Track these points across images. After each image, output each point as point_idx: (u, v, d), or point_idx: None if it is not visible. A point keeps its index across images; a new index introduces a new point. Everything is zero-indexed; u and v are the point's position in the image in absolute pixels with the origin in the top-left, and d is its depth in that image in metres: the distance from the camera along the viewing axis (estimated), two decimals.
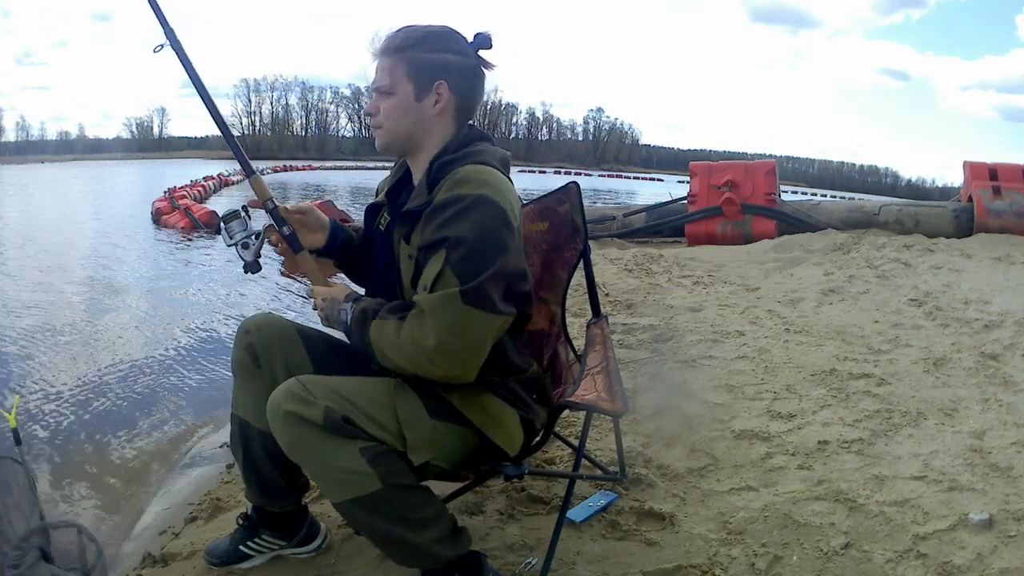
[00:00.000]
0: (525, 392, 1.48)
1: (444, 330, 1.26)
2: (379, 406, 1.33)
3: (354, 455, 1.26)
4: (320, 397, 1.28)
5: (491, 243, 1.30)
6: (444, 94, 1.42)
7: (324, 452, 1.27)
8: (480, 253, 1.28)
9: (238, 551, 1.71)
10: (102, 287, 6.08)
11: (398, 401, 1.35)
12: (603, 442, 2.34)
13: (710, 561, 1.69)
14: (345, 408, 1.28)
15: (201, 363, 3.95)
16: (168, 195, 12.86)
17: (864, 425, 2.40)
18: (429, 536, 1.34)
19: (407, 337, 1.29)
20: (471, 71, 1.45)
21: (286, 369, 1.53)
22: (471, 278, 1.27)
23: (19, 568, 1.21)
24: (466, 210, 1.30)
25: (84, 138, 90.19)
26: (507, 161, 1.48)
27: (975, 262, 5.47)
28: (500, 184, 1.36)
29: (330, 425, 1.26)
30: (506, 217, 1.33)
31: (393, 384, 1.38)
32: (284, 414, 1.28)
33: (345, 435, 1.27)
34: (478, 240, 1.29)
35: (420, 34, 1.42)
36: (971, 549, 1.67)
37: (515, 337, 1.49)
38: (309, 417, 1.26)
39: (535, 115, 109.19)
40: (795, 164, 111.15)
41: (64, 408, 3.17)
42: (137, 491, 2.45)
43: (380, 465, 1.27)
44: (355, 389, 1.34)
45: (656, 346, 3.43)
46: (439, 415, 1.37)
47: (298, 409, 1.27)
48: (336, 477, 1.28)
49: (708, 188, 7.53)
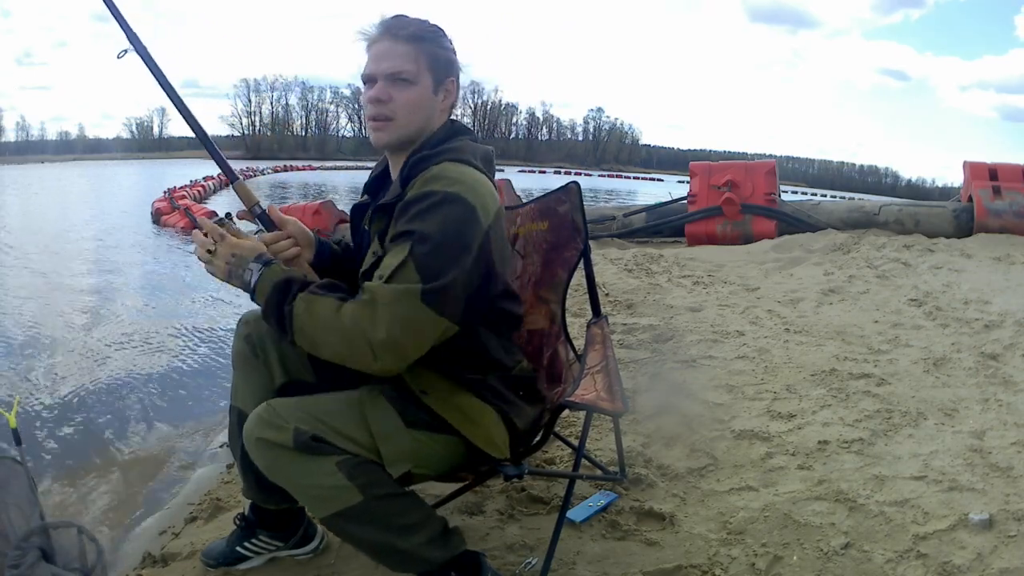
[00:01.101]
0: (508, 389, 1.45)
1: (397, 325, 1.22)
2: (351, 421, 1.32)
3: (331, 470, 1.26)
4: (289, 420, 1.28)
5: (458, 243, 1.27)
6: (452, 92, 1.42)
7: (300, 472, 1.27)
8: (445, 252, 1.25)
9: (235, 552, 1.71)
10: (102, 287, 6.08)
11: (370, 415, 1.33)
12: (603, 442, 2.34)
13: (710, 561, 1.69)
14: (315, 427, 1.28)
15: (201, 363, 3.95)
16: (168, 195, 12.87)
17: (864, 425, 2.40)
18: (418, 540, 1.33)
19: (350, 321, 1.24)
20: (458, 71, 1.46)
21: (280, 359, 1.55)
22: (434, 278, 1.24)
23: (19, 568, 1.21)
24: (435, 206, 1.27)
25: (84, 138, 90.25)
26: (489, 157, 1.45)
27: (975, 262, 5.47)
28: (474, 183, 1.32)
29: (300, 446, 1.26)
30: (476, 216, 1.29)
31: (365, 397, 1.37)
32: (256, 441, 1.29)
33: (318, 453, 1.26)
34: (444, 238, 1.25)
35: (432, 27, 1.42)
36: (971, 549, 1.67)
37: (502, 334, 1.47)
38: (279, 441, 1.26)
39: (535, 115, 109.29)
40: (795, 164, 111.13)
41: (64, 408, 3.17)
42: (137, 491, 2.45)
43: (358, 477, 1.27)
44: (326, 407, 1.33)
45: (656, 346, 3.43)
46: (417, 424, 1.36)
47: (268, 435, 1.27)
48: (315, 494, 1.28)
49: (708, 188, 7.53)
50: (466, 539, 1.44)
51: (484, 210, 1.31)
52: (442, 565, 1.37)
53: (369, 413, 1.34)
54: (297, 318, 1.28)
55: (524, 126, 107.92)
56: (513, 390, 1.47)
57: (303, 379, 1.56)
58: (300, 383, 1.56)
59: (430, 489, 1.95)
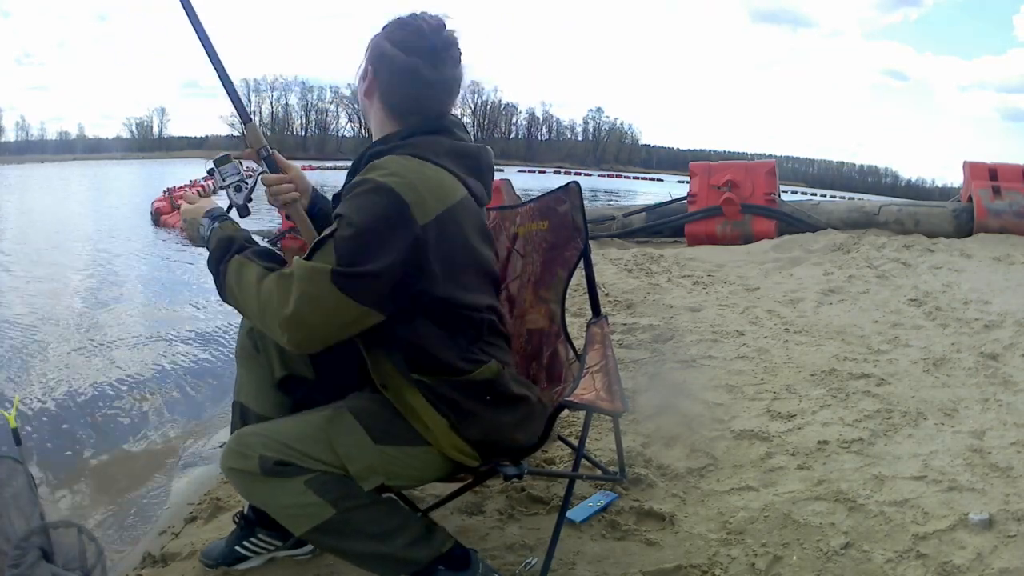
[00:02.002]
0: (468, 396, 1.38)
1: (304, 302, 1.23)
2: (316, 443, 1.33)
3: (300, 490, 1.30)
4: (255, 448, 1.33)
5: (379, 235, 1.24)
6: (368, 79, 1.42)
7: (271, 494, 1.33)
8: (366, 240, 1.24)
9: (234, 552, 1.71)
10: (102, 287, 6.08)
11: (334, 436, 1.34)
12: (603, 442, 2.34)
13: (710, 561, 1.69)
14: (280, 452, 1.32)
15: (201, 362, 3.95)
16: (168, 195, 12.86)
17: (864, 425, 2.40)
18: (399, 543, 1.34)
19: (266, 293, 1.26)
20: (401, 69, 1.38)
21: (279, 353, 1.56)
22: (349, 263, 1.23)
23: (20, 567, 1.21)
24: (364, 194, 1.27)
25: (84, 138, 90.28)
26: (462, 152, 1.40)
27: (975, 262, 5.47)
28: (417, 178, 1.29)
29: (267, 472, 1.31)
30: (406, 212, 1.26)
31: (331, 415, 1.37)
32: (228, 471, 1.38)
33: (285, 476, 1.30)
34: (366, 227, 1.24)
35: (395, 18, 1.43)
36: (971, 549, 1.67)
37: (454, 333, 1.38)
38: (247, 469, 1.33)
39: (535, 115, 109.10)
40: (795, 164, 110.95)
41: (64, 408, 3.17)
42: (137, 491, 2.45)
43: (328, 492, 1.30)
44: (291, 431, 1.36)
45: (656, 346, 3.43)
46: (385, 439, 1.36)
47: (237, 464, 1.35)
48: (289, 513, 1.33)
49: (708, 188, 7.52)
50: (466, 539, 1.44)
51: (420, 207, 1.27)
52: (429, 563, 1.37)
53: (333, 434, 1.35)
54: (228, 277, 1.34)
55: (524, 126, 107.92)
56: (476, 396, 1.39)
57: (302, 375, 1.57)
58: (299, 379, 1.57)
59: (430, 489, 1.96)
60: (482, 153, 1.46)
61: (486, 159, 1.47)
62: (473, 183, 1.42)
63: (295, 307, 1.23)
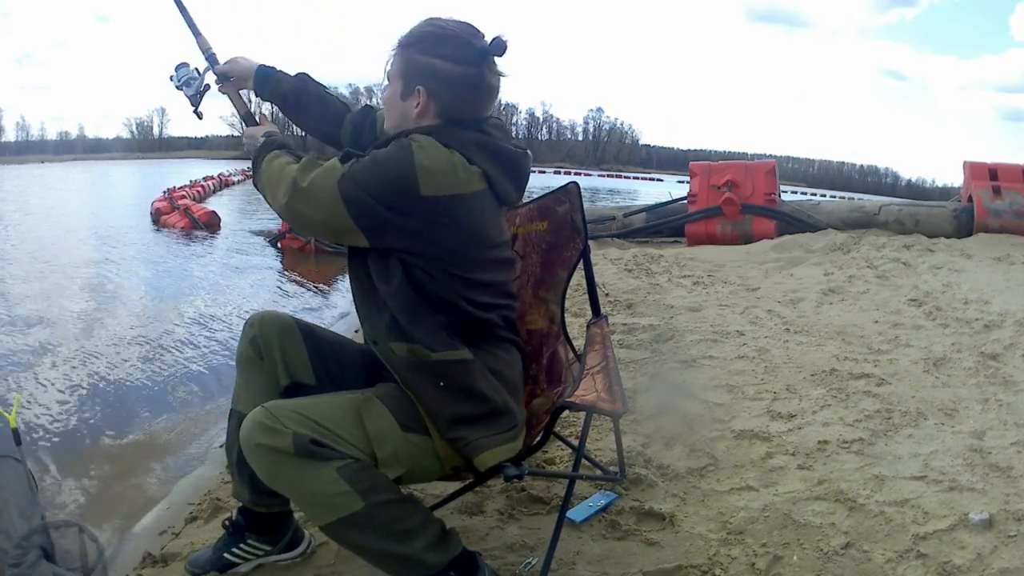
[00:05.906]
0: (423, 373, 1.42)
1: (314, 182, 1.37)
2: (348, 424, 1.33)
3: (332, 477, 1.27)
4: (288, 424, 1.28)
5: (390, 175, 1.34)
6: (423, 100, 1.42)
7: (301, 479, 1.28)
8: (378, 173, 1.34)
9: (223, 559, 1.67)
10: (101, 287, 6.08)
11: (367, 417, 1.35)
12: (603, 442, 2.34)
13: (710, 561, 1.69)
14: (314, 431, 1.28)
15: (201, 362, 3.95)
16: (168, 195, 12.86)
17: (864, 425, 2.40)
18: (418, 546, 1.34)
19: (286, 177, 1.41)
20: (460, 80, 1.41)
21: (283, 360, 1.56)
22: (357, 181, 1.34)
23: (20, 566, 1.22)
24: (393, 146, 1.37)
25: (84, 138, 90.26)
26: (483, 145, 1.42)
27: (975, 262, 5.47)
28: (434, 154, 1.35)
29: (301, 451, 1.26)
30: (413, 175, 1.33)
31: (361, 399, 1.38)
32: (255, 447, 1.29)
33: (318, 458, 1.27)
34: (382, 164, 1.35)
35: (422, 32, 1.43)
36: (971, 549, 1.67)
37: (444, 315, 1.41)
38: (280, 447, 1.26)
39: (535, 115, 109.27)
40: (795, 164, 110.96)
41: (64, 408, 3.17)
42: (137, 491, 2.46)
43: (359, 483, 1.28)
44: (324, 410, 1.34)
45: (656, 346, 3.43)
46: (411, 427, 1.38)
47: (267, 441, 1.27)
48: (317, 501, 1.29)
49: (708, 188, 7.53)
50: (466, 539, 1.44)
51: (429, 181, 1.34)
52: (443, 568, 1.38)
53: (365, 415, 1.35)
54: (261, 169, 1.51)
55: (524, 126, 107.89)
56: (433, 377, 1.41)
57: (303, 381, 1.57)
58: (300, 385, 1.57)
59: (431, 489, 1.96)
60: (519, 157, 1.48)
61: (524, 164, 1.50)
62: (501, 181, 1.43)
63: (308, 183, 1.38)
